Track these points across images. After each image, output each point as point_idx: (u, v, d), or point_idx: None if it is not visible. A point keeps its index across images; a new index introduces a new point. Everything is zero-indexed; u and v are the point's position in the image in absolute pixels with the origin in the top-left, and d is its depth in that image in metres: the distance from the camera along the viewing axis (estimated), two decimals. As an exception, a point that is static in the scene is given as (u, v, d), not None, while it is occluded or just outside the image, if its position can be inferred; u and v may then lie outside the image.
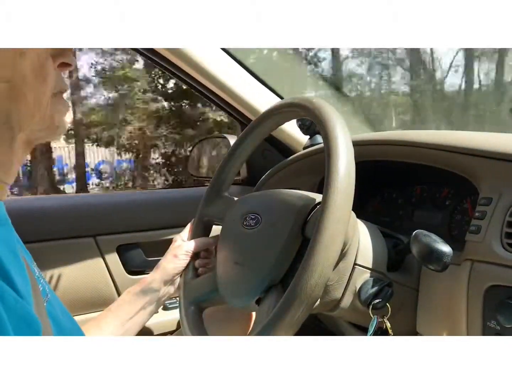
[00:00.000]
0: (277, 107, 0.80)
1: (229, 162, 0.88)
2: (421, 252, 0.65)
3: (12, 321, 0.41)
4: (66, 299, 1.12)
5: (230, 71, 1.25)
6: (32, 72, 0.51)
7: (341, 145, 0.62)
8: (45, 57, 0.52)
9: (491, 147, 0.72)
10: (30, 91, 0.51)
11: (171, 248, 0.87)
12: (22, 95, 0.50)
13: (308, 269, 0.58)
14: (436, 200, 0.98)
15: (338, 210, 0.59)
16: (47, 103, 0.54)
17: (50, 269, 1.12)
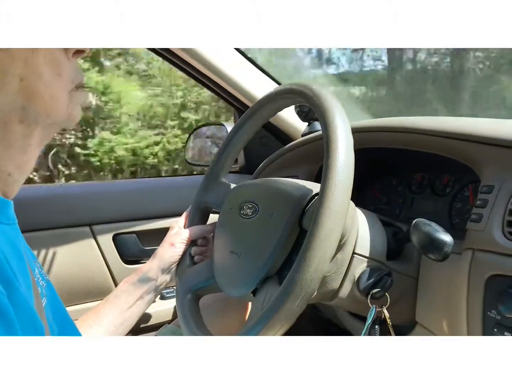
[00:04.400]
0: (275, 93, 0.78)
1: (226, 149, 0.87)
2: (421, 241, 0.64)
3: (21, 321, 0.41)
4: (62, 288, 1.12)
5: (227, 57, 1.23)
6: (46, 68, 0.50)
7: (341, 136, 0.60)
8: (58, 51, 0.51)
9: (494, 133, 0.70)
10: (46, 87, 0.50)
11: (168, 236, 0.86)
12: (37, 92, 0.50)
13: (304, 263, 0.57)
14: (436, 188, 0.97)
15: (336, 203, 0.58)
16: (65, 99, 0.53)
17: (46, 258, 1.11)
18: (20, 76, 0.48)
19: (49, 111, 0.52)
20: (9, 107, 0.49)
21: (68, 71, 0.53)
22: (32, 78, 0.49)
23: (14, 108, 0.49)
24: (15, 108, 0.49)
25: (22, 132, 0.51)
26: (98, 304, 0.83)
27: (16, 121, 0.50)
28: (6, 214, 0.53)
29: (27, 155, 0.53)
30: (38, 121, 0.52)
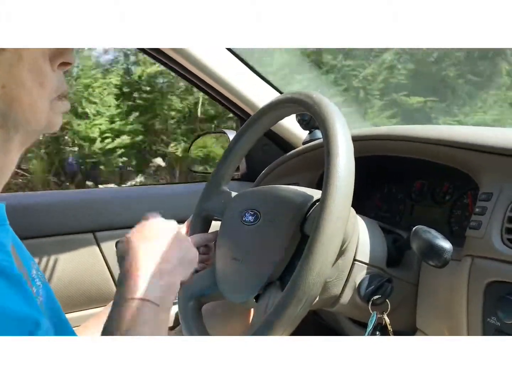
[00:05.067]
0: (276, 102, 0.79)
1: (228, 157, 0.88)
2: (421, 248, 0.65)
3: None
4: (65, 294, 1.12)
5: (229, 66, 1.24)
6: (29, 77, 0.50)
7: (341, 143, 0.62)
8: (42, 61, 0.51)
9: (492, 141, 0.71)
10: (27, 95, 0.51)
11: None
12: (17, 100, 0.50)
13: (306, 268, 0.57)
14: (436, 195, 0.98)
15: (337, 209, 0.59)
16: (45, 108, 0.54)
17: (49, 265, 1.12)
18: (2, 83, 0.49)
19: (29, 118, 0.52)
20: None
21: (52, 82, 0.53)
22: (13, 86, 0.50)
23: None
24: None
25: (2, 137, 0.52)
26: (101, 311, 0.83)
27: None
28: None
29: (7, 159, 0.54)
30: (18, 127, 0.52)
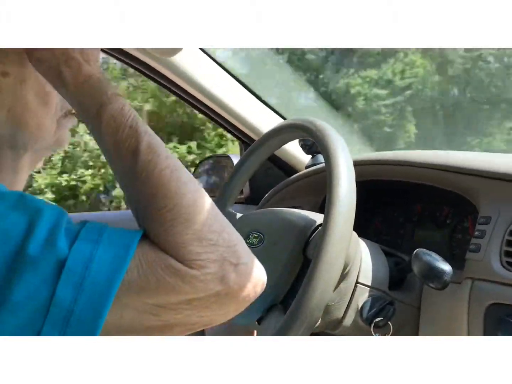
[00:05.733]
0: (280, 128, 0.81)
1: (233, 179, 0.89)
2: (422, 270, 0.66)
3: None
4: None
5: (234, 93, 1.27)
6: (33, 98, 0.52)
7: (343, 170, 0.64)
8: (45, 81, 0.52)
9: (489, 167, 0.73)
10: (32, 116, 0.53)
11: None
12: (24, 121, 0.52)
13: (308, 292, 0.59)
14: (437, 219, 0.99)
15: (339, 235, 0.60)
16: (52, 126, 0.55)
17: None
18: (8, 106, 0.51)
19: (37, 138, 0.54)
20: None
21: (56, 100, 0.55)
22: (19, 108, 0.51)
23: (3, 135, 0.52)
24: (4, 135, 0.52)
25: (12, 157, 0.53)
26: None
27: (6, 147, 0.52)
28: None
29: (18, 177, 0.55)
30: (27, 147, 0.54)
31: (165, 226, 0.43)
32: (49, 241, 0.39)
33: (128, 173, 0.46)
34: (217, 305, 0.44)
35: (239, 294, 0.44)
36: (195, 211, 0.44)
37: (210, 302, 0.43)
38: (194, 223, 0.44)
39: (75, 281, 0.39)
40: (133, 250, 0.41)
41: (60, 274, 0.39)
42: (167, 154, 0.47)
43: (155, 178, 0.45)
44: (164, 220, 0.43)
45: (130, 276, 0.41)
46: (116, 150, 0.47)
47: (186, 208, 0.44)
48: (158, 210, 0.44)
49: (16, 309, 0.38)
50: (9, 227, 0.40)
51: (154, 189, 0.45)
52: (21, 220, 0.40)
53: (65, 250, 0.39)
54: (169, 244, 0.42)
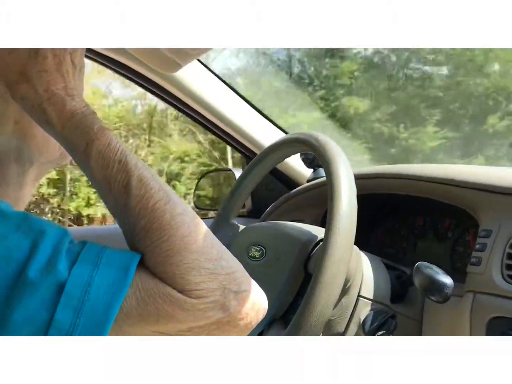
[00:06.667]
0: (282, 142, 0.82)
1: (236, 192, 0.90)
2: (423, 283, 0.67)
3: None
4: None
5: (235, 107, 1.29)
6: None
7: (344, 186, 0.64)
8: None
9: (490, 180, 0.74)
10: (38, 129, 0.52)
11: None
12: (30, 134, 0.53)
13: (308, 308, 0.59)
14: (438, 232, 0.99)
15: (339, 251, 0.61)
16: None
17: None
18: (14, 119, 0.51)
19: (42, 150, 0.54)
20: (5, 147, 0.52)
21: None
22: (26, 121, 0.52)
23: (9, 148, 0.52)
24: (10, 148, 0.52)
25: (17, 171, 0.53)
26: None
27: (11, 160, 0.53)
28: None
29: (22, 191, 0.55)
30: (32, 160, 0.54)
31: (162, 257, 0.43)
32: (49, 264, 0.40)
33: (121, 207, 0.46)
34: (219, 332, 0.44)
35: (240, 321, 0.44)
36: (190, 241, 0.44)
37: (211, 329, 0.43)
38: (191, 252, 0.43)
39: (74, 305, 0.39)
40: (131, 276, 0.42)
41: (59, 297, 0.39)
42: (159, 185, 0.47)
43: (148, 212, 0.45)
44: (160, 251, 0.44)
45: (129, 303, 0.41)
46: (107, 186, 0.47)
47: (181, 239, 0.44)
48: (153, 242, 0.44)
49: (17, 329, 0.39)
50: (11, 248, 0.40)
51: (148, 223, 0.45)
52: (24, 242, 0.41)
53: (64, 273, 0.40)
54: (167, 274, 0.43)
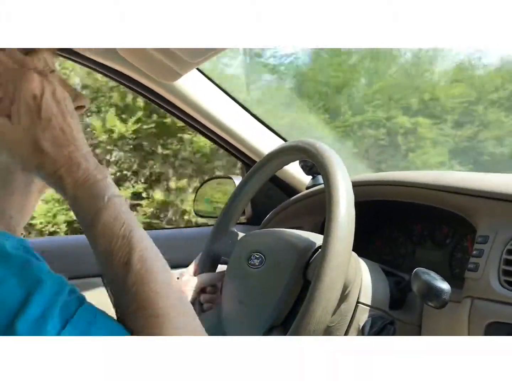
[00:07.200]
0: (281, 149, 0.83)
1: (235, 200, 0.91)
2: (421, 289, 0.67)
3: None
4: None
5: (235, 115, 1.30)
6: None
7: (342, 193, 0.65)
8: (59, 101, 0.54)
9: (486, 187, 0.75)
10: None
11: (179, 283, 0.88)
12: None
13: (307, 315, 0.60)
14: (436, 238, 1.00)
15: (337, 257, 0.61)
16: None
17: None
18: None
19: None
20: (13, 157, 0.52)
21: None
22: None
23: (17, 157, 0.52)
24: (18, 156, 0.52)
25: (24, 180, 0.54)
26: None
27: (19, 170, 0.53)
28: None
29: (28, 201, 0.56)
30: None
31: (154, 332, 0.45)
32: (39, 321, 0.40)
33: (118, 281, 0.47)
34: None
35: None
36: (181, 332, 0.45)
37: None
38: (184, 330, 0.46)
39: None
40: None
41: None
42: (160, 266, 0.48)
43: (145, 293, 0.46)
44: (152, 326, 0.45)
45: None
46: (108, 259, 0.48)
47: (173, 330, 0.45)
48: (144, 328, 0.45)
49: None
50: (6, 295, 0.41)
51: (144, 302, 0.46)
52: (19, 290, 0.41)
53: (52, 335, 0.40)
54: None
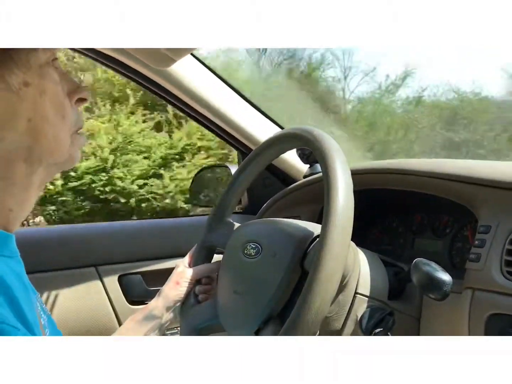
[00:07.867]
0: (278, 137, 0.81)
1: (231, 189, 0.89)
2: (421, 280, 0.65)
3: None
4: (67, 328, 1.12)
5: (231, 102, 1.27)
6: (52, 110, 0.54)
7: (340, 181, 0.63)
8: (62, 95, 0.56)
9: (488, 175, 0.73)
10: (51, 128, 0.54)
11: (174, 274, 0.87)
12: (43, 132, 0.54)
13: (305, 305, 0.58)
14: (436, 228, 0.98)
15: (336, 247, 0.60)
16: (67, 140, 0.57)
17: (52, 299, 1.12)
18: (28, 117, 0.52)
19: (53, 151, 0.55)
20: (15, 145, 0.52)
21: (71, 115, 0.57)
22: (38, 119, 0.53)
23: (20, 147, 0.53)
24: (21, 147, 0.53)
25: (25, 171, 0.54)
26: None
27: (21, 159, 0.53)
28: (9, 247, 0.55)
29: (28, 193, 0.56)
30: (41, 160, 0.55)
31: None
32: None
33: None
34: None
35: None
36: None
37: None
38: None
39: None
40: None
41: None
42: None
43: None
44: None
45: None
46: None
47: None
48: None
49: None
50: None
51: None
52: None
53: None
54: None
